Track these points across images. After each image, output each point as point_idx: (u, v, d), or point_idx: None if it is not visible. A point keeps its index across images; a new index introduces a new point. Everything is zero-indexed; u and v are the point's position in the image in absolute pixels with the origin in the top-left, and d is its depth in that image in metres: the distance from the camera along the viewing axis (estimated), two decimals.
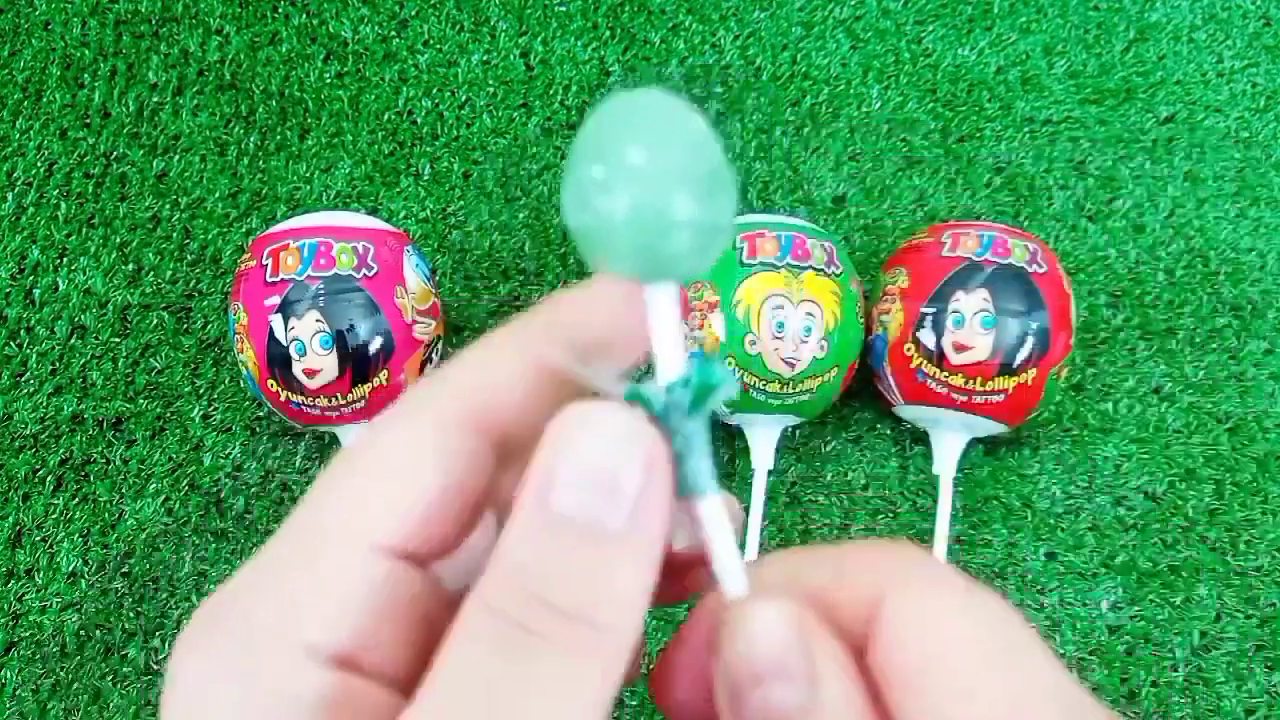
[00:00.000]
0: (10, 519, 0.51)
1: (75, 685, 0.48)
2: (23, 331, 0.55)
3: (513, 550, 0.14)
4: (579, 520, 0.14)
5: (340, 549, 0.14)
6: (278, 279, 0.45)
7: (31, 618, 0.49)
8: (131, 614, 0.49)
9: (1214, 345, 0.54)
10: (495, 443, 0.16)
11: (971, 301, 0.46)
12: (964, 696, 0.14)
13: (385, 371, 0.46)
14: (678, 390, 0.16)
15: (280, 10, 0.63)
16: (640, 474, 0.14)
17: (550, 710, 0.13)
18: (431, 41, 0.62)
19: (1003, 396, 0.46)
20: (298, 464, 0.52)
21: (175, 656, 0.14)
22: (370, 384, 0.46)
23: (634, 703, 0.48)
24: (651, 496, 0.14)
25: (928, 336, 0.46)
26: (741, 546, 0.50)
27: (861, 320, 0.49)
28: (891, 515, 0.51)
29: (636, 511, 0.14)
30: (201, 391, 0.53)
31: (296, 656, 0.14)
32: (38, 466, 0.52)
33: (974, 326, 0.46)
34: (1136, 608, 0.49)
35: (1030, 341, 0.45)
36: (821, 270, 0.47)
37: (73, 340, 0.55)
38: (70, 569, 0.50)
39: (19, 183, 0.58)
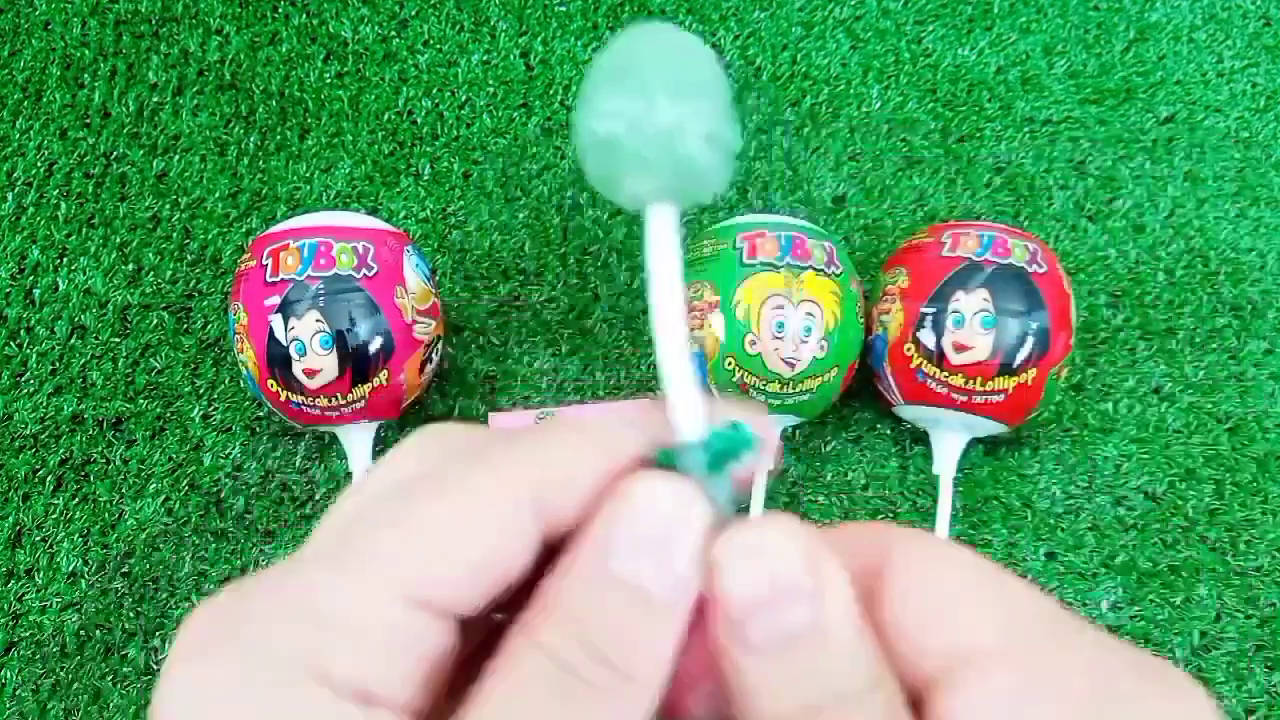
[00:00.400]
0: (10, 519, 0.51)
1: (75, 685, 0.48)
2: (23, 331, 0.55)
3: (570, 599, 0.15)
4: (632, 583, 0.15)
5: (382, 593, 0.15)
6: (278, 279, 0.45)
7: (31, 618, 0.49)
8: (131, 614, 0.49)
9: (1214, 345, 0.54)
10: (546, 531, 0.16)
11: (971, 301, 0.46)
12: (970, 628, 0.16)
13: (385, 371, 0.46)
14: (701, 451, 0.16)
15: (280, 10, 0.63)
16: (690, 551, 0.15)
17: None
18: (431, 41, 0.62)
19: (1003, 396, 0.46)
20: (298, 464, 0.52)
21: (176, 662, 0.14)
22: (370, 384, 0.46)
23: None
24: (693, 579, 0.15)
25: (928, 336, 0.46)
26: None
27: (861, 320, 0.49)
28: (891, 515, 0.51)
29: (680, 582, 0.15)
30: (201, 391, 0.53)
31: (317, 688, 0.14)
32: (38, 466, 0.52)
33: (974, 326, 0.46)
34: (1136, 608, 0.49)
35: (1030, 341, 0.45)
36: (821, 270, 0.47)
37: (73, 340, 0.55)
38: (70, 569, 0.50)
39: (19, 183, 0.58)
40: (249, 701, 0.13)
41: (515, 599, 0.16)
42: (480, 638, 0.17)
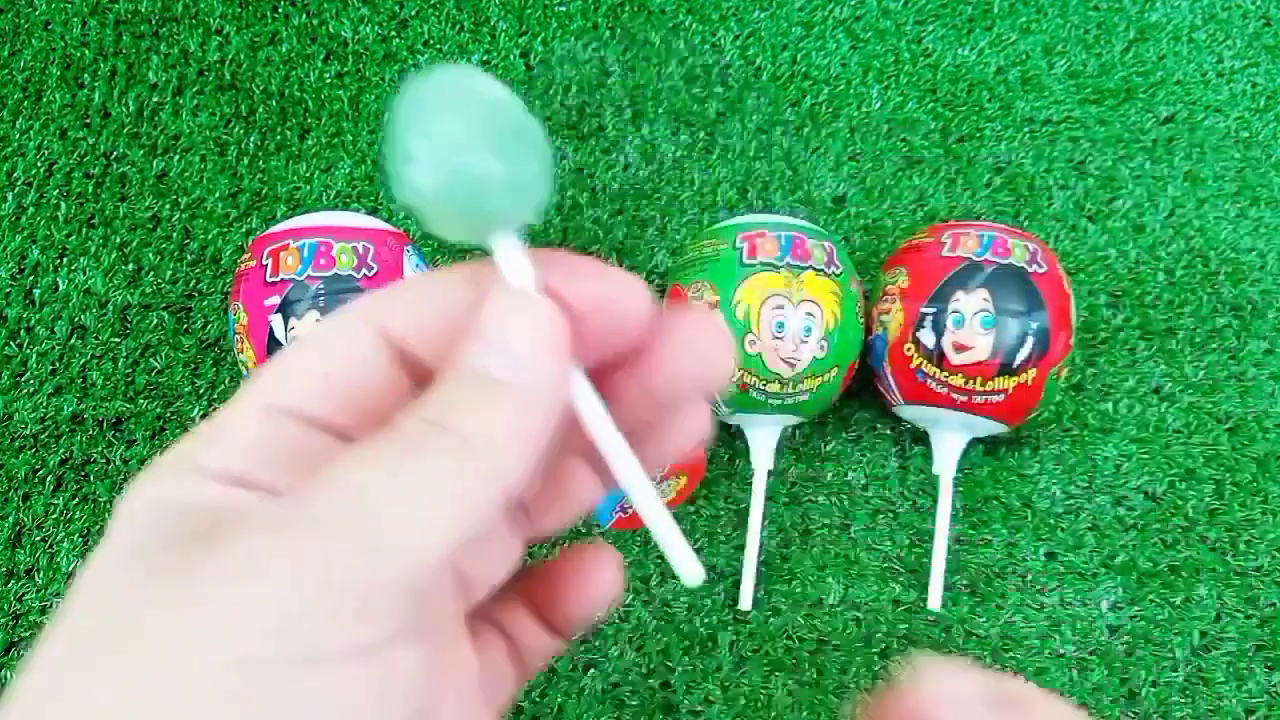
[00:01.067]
0: (10, 519, 0.51)
1: None
2: (23, 331, 0.55)
3: (422, 397, 0.18)
4: (478, 370, 0.17)
5: (248, 406, 0.18)
6: (278, 279, 0.45)
7: (31, 618, 0.49)
8: None
9: (1214, 345, 0.54)
10: (406, 360, 0.19)
11: (971, 301, 0.46)
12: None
13: None
14: None
15: (280, 10, 0.63)
16: (528, 339, 0.18)
17: (430, 492, 0.16)
18: (431, 41, 0.62)
19: (1003, 396, 0.46)
20: None
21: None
22: None
23: (634, 703, 0.48)
24: (539, 359, 0.18)
25: (928, 336, 0.46)
26: (741, 546, 0.50)
27: (861, 320, 0.49)
28: (891, 515, 0.51)
29: (521, 368, 0.17)
30: (201, 391, 0.53)
31: (190, 475, 0.17)
32: (38, 466, 0.52)
33: (974, 326, 0.46)
34: (1136, 608, 0.49)
35: (1030, 341, 0.45)
36: (821, 270, 0.47)
37: (73, 340, 0.55)
38: (70, 569, 0.50)
39: (19, 183, 0.58)
40: (155, 489, 0.17)
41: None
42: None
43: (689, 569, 0.19)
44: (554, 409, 0.18)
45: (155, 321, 0.55)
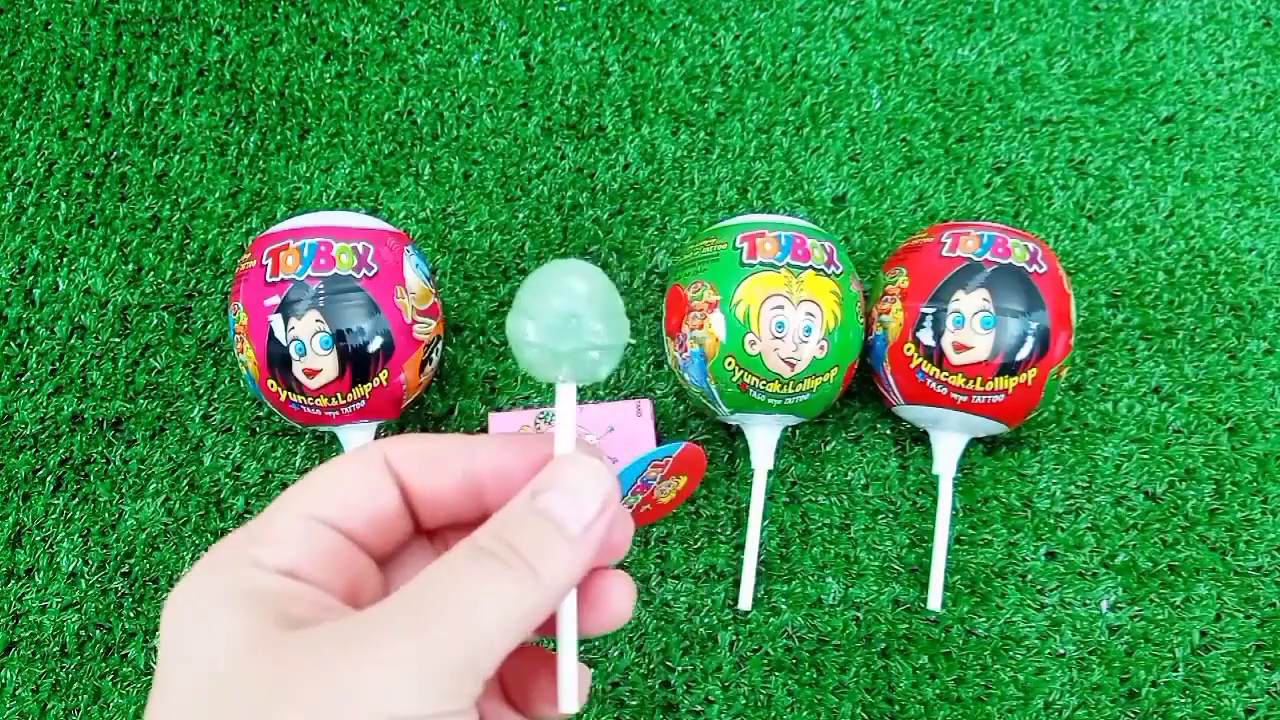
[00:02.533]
0: (10, 519, 0.51)
1: (75, 685, 0.48)
2: (23, 331, 0.55)
3: (497, 517, 0.22)
4: (552, 513, 0.22)
5: (290, 513, 0.22)
6: (278, 279, 0.45)
7: (31, 618, 0.49)
8: (131, 614, 0.49)
9: (1214, 345, 0.54)
10: (404, 490, 0.24)
11: (971, 301, 0.46)
12: None
13: (385, 371, 0.46)
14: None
15: (280, 10, 0.63)
16: (599, 503, 0.22)
17: (491, 598, 0.20)
18: (431, 41, 0.62)
19: (1003, 396, 0.46)
20: (298, 464, 0.52)
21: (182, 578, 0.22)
22: (370, 384, 0.46)
23: (634, 702, 0.48)
24: (600, 523, 0.22)
25: (927, 336, 0.46)
26: (741, 546, 0.50)
27: (861, 320, 0.49)
28: (891, 515, 0.51)
29: (588, 528, 0.22)
30: (201, 391, 0.53)
31: (250, 569, 0.21)
32: (38, 466, 0.52)
33: (974, 326, 0.46)
34: (1136, 608, 0.49)
35: (1030, 341, 0.45)
36: (821, 270, 0.47)
37: (73, 340, 0.55)
38: (70, 569, 0.50)
39: (19, 183, 0.58)
40: (211, 580, 0.21)
41: None
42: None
43: (568, 698, 0.24)
44: (592, 561, 0.22)
45: (155, 321, 0.55)
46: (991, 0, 0.63)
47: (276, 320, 0.45)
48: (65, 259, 0.56)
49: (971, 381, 0.46)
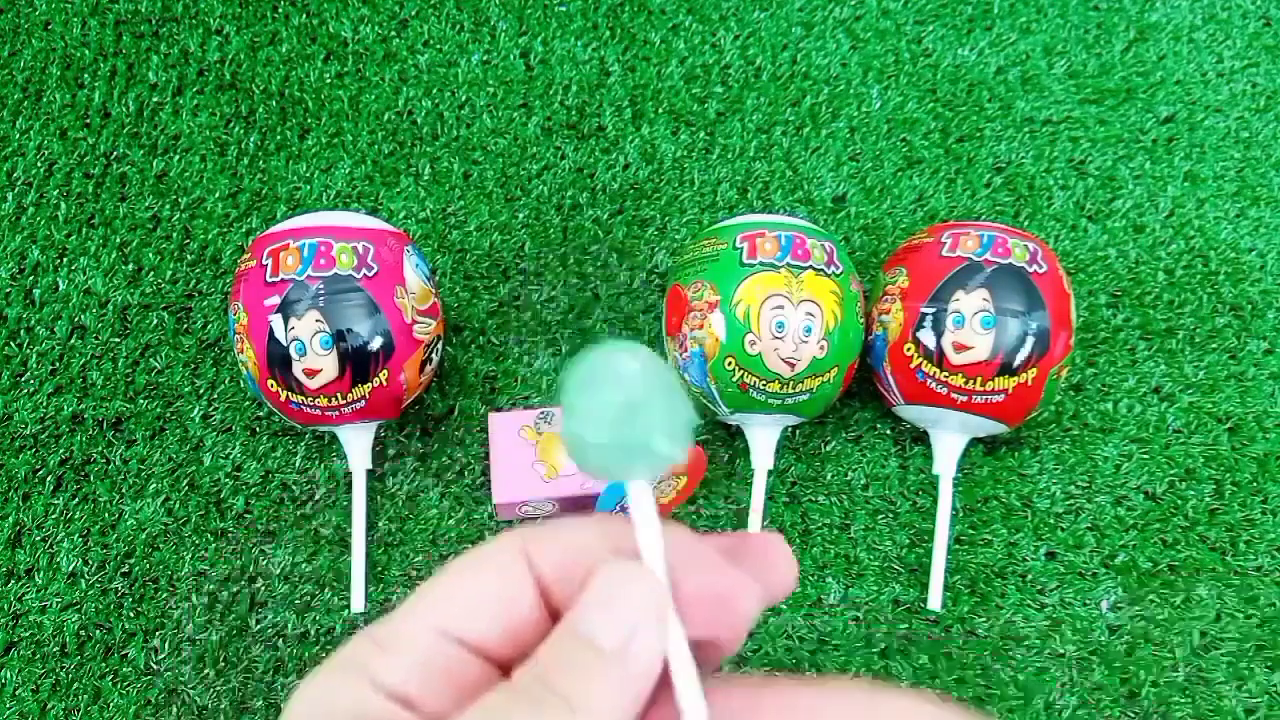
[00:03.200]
0: (10, 519, 0.51)
1: (75, 685, 0.48)
2: (23, 331, 0.55)
3: (539, 651, 0.20)
4: (586, 635, 0.20)
5: (417, 624, 0.21)
6: (278, 279, 0.45)
7: (31, 618, 0.49)
8: (131, 614, 0.49)
9: (1214, 345, 0.54)
10: (545, 595, 0.22)
11: (971, 301, 0.46)
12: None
13: (385, 371, 0.46)
14: None
15: (280, 10, 0.63)
16: (635, 609, 0.20)
17: None
18: (431, 41, 0.62)
19: (1003, 396, 0.46)
20: (298, 464, 0.52)
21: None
22: (370, 384, 0.46)
23: None
24: (644, 640, 0.20)
25: (928, 336, 0.46)
26: None
27: (861, 320, 0.49)
28: (891, 515, 0.51)
29: (628, 645, 0.19)
30: (201, 391, 0.53)
31: (365, 684, 0.20)
32: (38, 466, 0.52)
33: (974, 326, 0.46)
34: (1136, 608, 0.49)
35: (1030, 341, 0.45)
36: (821, 270, 0.47)
37: (73, 340, 0.55)
38: (70, 569, 0.50)
39: (19, 183, 0.58)
40: (331, 684, 0.20)
41: None
42: None
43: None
44: (651, 676, 0.20)
45: (155, 321, 0.55)
46: (991, 0, 0.63)
47: (276, 320, 0.45)
48: (65, 259, 0.56)
49: (971, 381, 0.46)
